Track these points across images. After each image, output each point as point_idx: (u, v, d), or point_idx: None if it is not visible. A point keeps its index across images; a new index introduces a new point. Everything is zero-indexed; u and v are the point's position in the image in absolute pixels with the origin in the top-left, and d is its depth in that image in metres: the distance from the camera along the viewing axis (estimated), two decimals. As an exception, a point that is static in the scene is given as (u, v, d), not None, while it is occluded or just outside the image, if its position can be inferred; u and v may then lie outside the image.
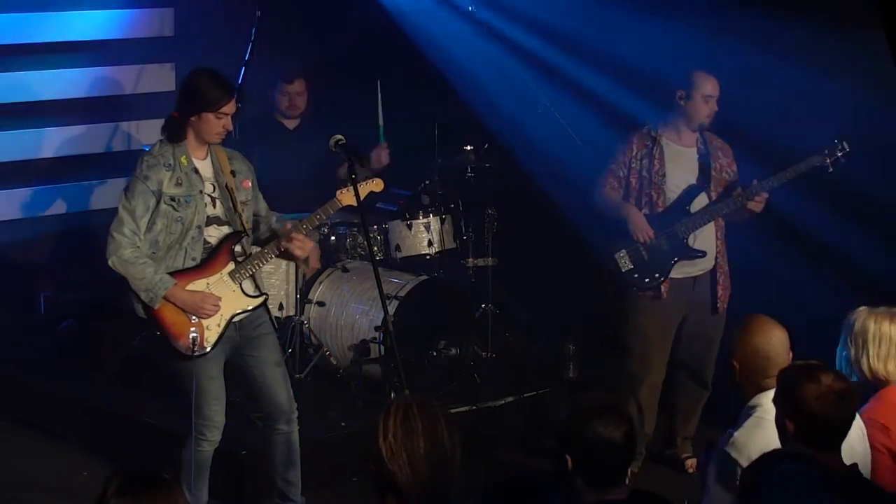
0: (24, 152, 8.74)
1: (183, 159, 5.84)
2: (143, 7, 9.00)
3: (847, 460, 4.09)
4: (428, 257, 7.99)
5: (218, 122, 5.82)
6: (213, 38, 8.82)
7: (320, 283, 7.71)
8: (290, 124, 8.22)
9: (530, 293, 8.52)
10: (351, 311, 7.54)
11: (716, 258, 6.85)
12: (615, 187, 6.83)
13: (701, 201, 6.81)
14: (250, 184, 6.03)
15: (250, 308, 5.97)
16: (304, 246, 5.94)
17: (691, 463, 7.08)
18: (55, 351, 8.27)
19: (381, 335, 7.23)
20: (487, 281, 8.21)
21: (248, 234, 5.97)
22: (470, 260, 8.23)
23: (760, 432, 4.33)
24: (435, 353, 7.58)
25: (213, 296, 5.83)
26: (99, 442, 7.27)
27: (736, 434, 4.43)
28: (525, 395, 7.72)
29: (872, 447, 4.61)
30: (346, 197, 6.03)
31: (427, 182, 8.17)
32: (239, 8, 8.56)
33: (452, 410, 7.33)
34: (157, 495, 3.31)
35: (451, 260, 8.20)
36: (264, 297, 6.03)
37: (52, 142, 8.84)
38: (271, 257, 6.01)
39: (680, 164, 6.80)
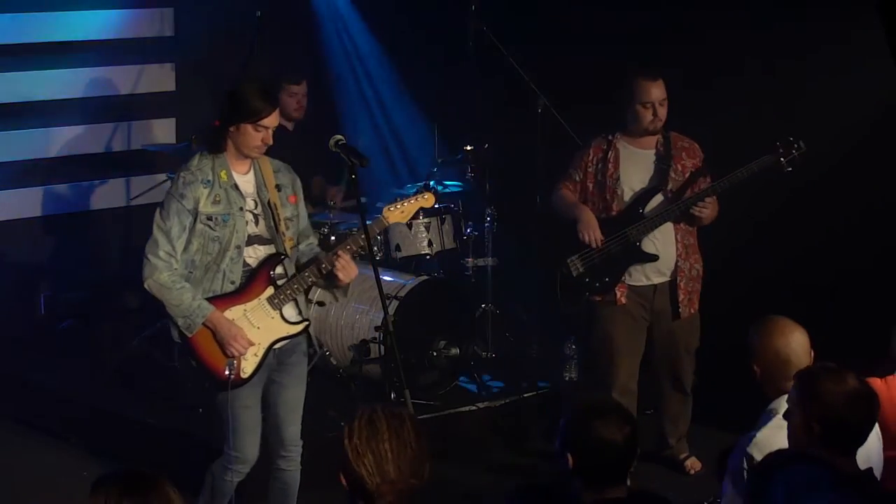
0: (24, 152, 8.74)
1: (223, 174, 5.50)
2: (143, 7, 9.01)
3: (862, 465, 4.05)
4: (428, 257, 8.00)
5: (257, 135, 5.47)
6: (213, 38, 8.84)
7: (320, 283, 7.72)
8: (290, 126, 8.22)
9: (530, 293, 8.52)
10: (351, 311, 7.54)
11: (677, 263, 6.74)
12: (571, 190, 6.81)
13: (656, 204, 6.70)
14: (296, 199, 5.70)
15: (291, 335, 5.66)
16: (348, 269, 5.58)
17: (690, 463, 7.07)
18: (55, 351, 8.27)
19: (381, 335, 7.22)
20: (487, 281, 8.22)
21: (288, 256, 5.61)
22: (470, 260, 8.23)
23: (784, 433, 4.26)
24: (435, 353, 7.57)
25: (246, 336, 5.49)
26: (99, 442, 7.27)
27: (759, 435, 4.39)
28: (525, 395, 7.72)
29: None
30: (393, 214, 5.76)
31: (427, 182, 8.17)
32: (239, 8, 8.57)
33: (452, 410, 7.40)
34: (160, 487, 3.32)
35: (451, 260, 8.21)
36: (306, 323, 5.71)
37: (52, 142, 8.84)
38: (312, 280, 5.65)
39: (635, 167, 6.72)
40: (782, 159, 6.58)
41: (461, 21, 8.29)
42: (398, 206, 5.81)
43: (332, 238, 7.85)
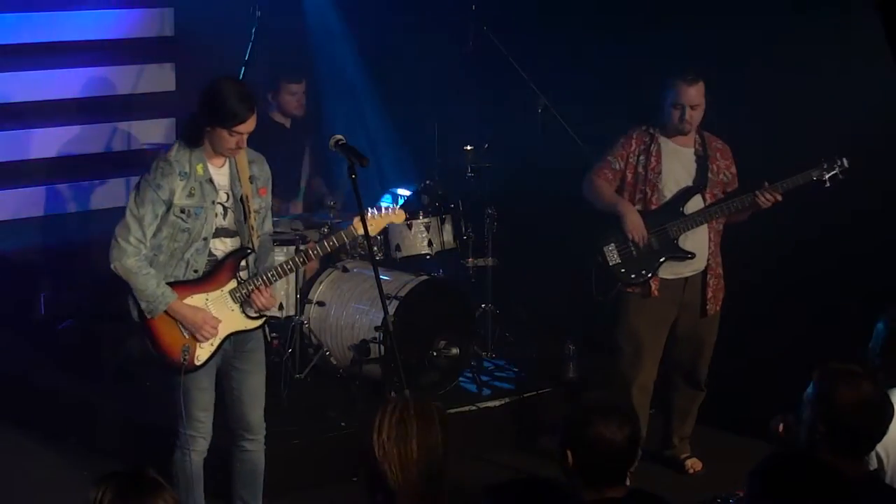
0: (24, 152, 8.74)
1: (199, 168, 5.58)
2: (143, 7, 9.01)
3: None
4: (428, 257, 7.99)
5: (231, 139, 5.53)
6: (213, 38, 8.83)
7: (320, 283, 7.72)
8: (287, 123, 8.24)
9: (530, 293, 8.52)
10: (351, 311, 7.53)
11: (707, 260, 6.81)
12: (609, 179, 6.80)
13: (696, 203, 6.77)
14: (266, 191, 5.79)
15: (248, 329, 5.78)
16: (264, 299, 5.72)
17: (691, 463, 7.07)
18: (55, 351, 8.27)
19: (381, 335, 7.22)
20: (487, 281, 8.22)
21: (255, 251, 5.73)
22: (470, 260, 8.23)
23: None
24: (435, 353, 7.57)
25: (215, 318, 5.64)
26: (99, 442, 7.27)
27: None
28: (525, 395, 7.72)
29: None
30: (361, 227, 5.75)
31: (427, 182, 8.17)
32: (239, 8, 8.57)
33: (452, 410, 7.39)
34: (151, 497, 3.30)
35: (451, 260, 8.21)
36: (264, 319, 5.82)
37: (52, 142, 8.84)
38: (276, 279, 5.78)
39: (677, 163, 6.79)
40: (825, 175, 6.67)
41: (461, 21, 8.30)
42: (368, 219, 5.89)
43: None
